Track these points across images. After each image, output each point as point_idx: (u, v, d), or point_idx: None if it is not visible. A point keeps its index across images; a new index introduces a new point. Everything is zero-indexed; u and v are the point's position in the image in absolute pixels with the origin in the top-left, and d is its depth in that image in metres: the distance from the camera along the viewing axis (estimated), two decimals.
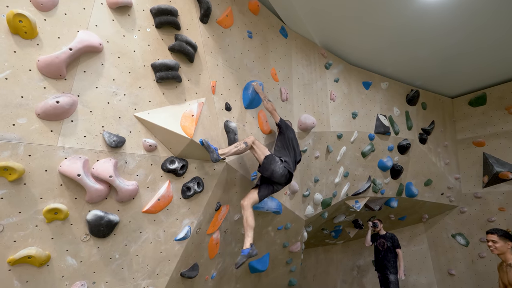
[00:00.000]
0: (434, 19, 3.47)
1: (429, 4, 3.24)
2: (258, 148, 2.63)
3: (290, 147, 2.86)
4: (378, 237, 4.77)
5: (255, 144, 2.62)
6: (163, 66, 2.19)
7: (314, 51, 4.08)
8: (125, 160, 2.08)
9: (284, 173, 2.66)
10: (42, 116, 1.75)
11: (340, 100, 4.37)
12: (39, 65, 1.74)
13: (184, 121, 2.24)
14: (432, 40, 3.92)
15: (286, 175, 2.69)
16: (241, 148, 2.51)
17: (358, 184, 4.84)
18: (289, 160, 2.78)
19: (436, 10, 3.32)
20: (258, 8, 3.14)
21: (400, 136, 5.12)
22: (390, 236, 4.64)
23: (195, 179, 2.44)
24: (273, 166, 2.60)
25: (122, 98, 2.07)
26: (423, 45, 4.07)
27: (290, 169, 2.71)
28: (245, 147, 2.54)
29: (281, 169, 2.62)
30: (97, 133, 1.96)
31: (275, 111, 2.87)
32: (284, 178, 2.68)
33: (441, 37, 3.84)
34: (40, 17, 1.78)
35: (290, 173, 2.73)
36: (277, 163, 2.62)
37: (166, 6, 2.22)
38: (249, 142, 2.57)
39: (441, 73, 4.99)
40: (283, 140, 2.88)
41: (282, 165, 2.64)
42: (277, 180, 2.69)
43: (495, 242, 2.39)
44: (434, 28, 3.65)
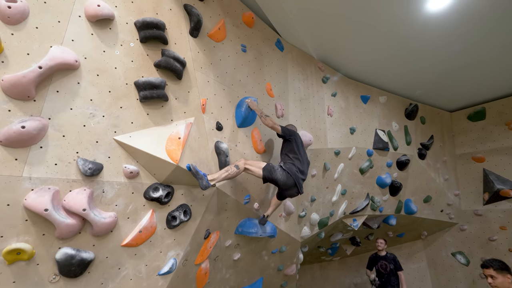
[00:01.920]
0: (433, 31, 3.36)
1: (428, 17, 3.14)
2: (252, 166, 2.46)
3: (297, 151, 2.71)
4: (378, 259, 4.51)
5: (247, 164, 2.45)
6: (147, 84, 2.00)
7: (311, 65, 3.94)
8: (102, 189, 1.87)
9: (289, 180, 2.51)
10: (5, 143, 1.54)
11: (337, 115, 4.22)
12: (3, 85, 1.54)
13: (170, 144, 2.04)
14: (431, 52, 3.81)
15: (293, 181, 2.54)
16: (233, 172, 2.32)
17: (356, 202, 4.66)
18: (295, 166, 2.62)
19: (435, 22, 3.21)
20: (253, 20, 2.99)
21: (399, 151, 4.99)
22: (392, 258, 4.41)
23: (181, 207, 2.23)
24: (274, 175, 2.46)
25: (100, 120, 1.87)
26: (421, 57, 3.96)
27: (293, 174, 2.55)
28: (237, 171, 2.35)
29: (283, 176, 2.47)
30: (70, 160, 1.75)
31: (275, 124, 2.70)
32: (290, 182, 2.52)
33: (440, 49, 3.74)
34: (7, 31, 1.58)
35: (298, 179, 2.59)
36: (277, 171, 2.48)
37: (152, 19, 2.04)
38: (241, 165, 2.39)
39: (440, 86, 4.90)
40: (289, 146, 2.75)
41: (283, 172, 2.49)
42: (285, 188, 2.56)
43: (494, 278, 2.21)
44: (433, 40, 3.54)
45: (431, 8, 3.02)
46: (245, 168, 2.43)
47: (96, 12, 1.83)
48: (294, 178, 2.55)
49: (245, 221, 2.92)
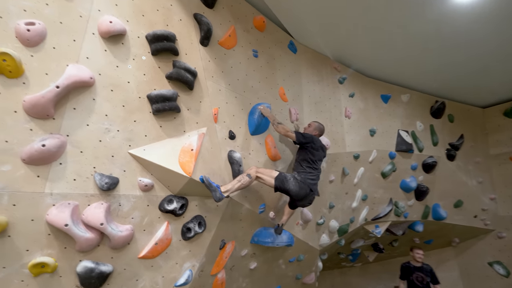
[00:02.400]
0: (465, 25, 3.08)
1: (458, 9, 2.88)
2: (264, 175, 2.41)
3: (312, 160, 2.62)
4: (413, 270, 3.97)
5: (259, 173, 2.40)
6: (159, 97, 2.01)
7: (326, 65, 3.81)
8: (119, 203, 1.90)
9: (302, 191, 2.43)
10: (28, 161, 1.61)
11: (356, 116, 4.04)
12: (24, 105, 1.61)
13: (183, 156, 2.04)
14: (461, 47, 3.51)
15: (305, 193, 2.46)
16: (245, 181, 2.28)
17: (378, 208, 4.44)
18: (308, 176, 2.54)
19: (467, 16, 2.95)
20: (264, 24, 2.93)
21: (424, 153, 4.68)
22: (429, 270, 3.95)
23: (196, 218, 2.23)
24: (286, 185, 2.40)
25: (115, 135, 1.91)
26: (451, 53, 3.65)
27: (306, 185, 2.47)
28: (250, 180, 2.31)
29: (295, 187, 2.41)
30: (88, 175, 1.80)
31: (289, 132, 2.62)
32: (303, 193, 2.45)
33: (473, 42, 3.43)
34: (27, 54, 1.65)
35: (311, 189, 2.52)
36: (289, 181, 2.42)
37: (162, 32, 2.06)
38: (253, 174, 2.35)
39: (470, 81, 4.51)
40: (303, 153, 2.66)
41: (295, 183, 2.43)
42: (297, 199, 2.51)
43: None
44: (464, 34, 3.25)
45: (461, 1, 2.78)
46: (257, 177, 2.39)
47: (109, 28, 1.87)
48: (306, 189, 2.47)
49: (261, 230, 2.87)
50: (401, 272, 4.07)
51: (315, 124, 2.94)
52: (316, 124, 2.94)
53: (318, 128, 2.92)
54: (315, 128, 2.91)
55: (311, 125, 2.95)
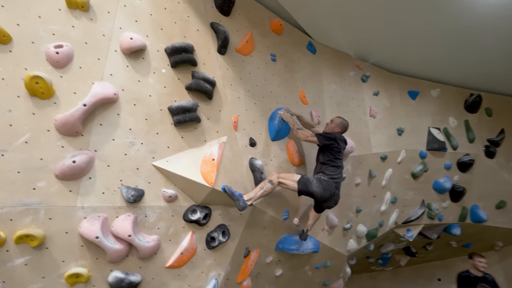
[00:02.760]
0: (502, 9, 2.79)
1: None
2: (286, 180, 2.35)
3: (335, 159, 2.52)
4: (475, 281, 3.41)
5: (281, 178, 2.35)
6: (180, 109, 2.04)
7: (348, 64, 3.65)
8: (145, 214, 1.95)
9: (326, 192, 2.36)
10: (61, 177, 1.70)
11: (381, 115, 3.84)
12: (56, 124, 1.70)
13: (205, 166, 2.05)
14: (499, 33, 3.16)
15: (330, 194, 2.38)
16: (268, 188, 2.24)
17: (409, 211, 4.18)
18: (332, 176, 2.45)
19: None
20: (281, 27, 2.87)
21: (459, 151, 4.33)
22: (492, 280, 3.42)
23: (220, 227, 2.23)
24: (310, 188, 2.34)
25: (139, 148, 1.96)
26: (487, 41, 3.31)
27: (331, 185, 2.39)
28: (272, 186, 2.27)
29: (319, 188, 2.34)
30: (115, 188, 1.86)
31: (309, 137, 2.53)
32: (327, 195, 2.38)
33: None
34: (56, 75, 1.74)
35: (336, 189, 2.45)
36: (313, 183, 2.35)
37: (181, 44, 2.08)
38: (275, 179, 2.31)
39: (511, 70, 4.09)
40: (326, 154, 2.55)
41: (319, 184, 2.35)
42: (322, 200, 2.44)
43: None
44: (501, 19, 2.94)
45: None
46: (279, 182, 2.34)
47: (130, 45, 1.92)
48: (331, 190, 2.39)
49: (286, 237, 2.81)
50: (459, 283, 3.51)
51: (338, 120, 2.73)
52: (339, 120, 2.74)
53: (341, 124, 2.72)
54: (338, 125, 2.71)
55: (334, 120, 2.75)
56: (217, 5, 2.36)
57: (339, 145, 2.53)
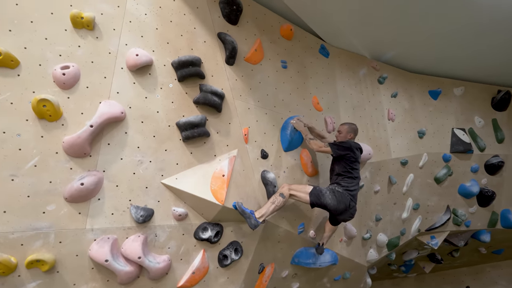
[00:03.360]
0: None
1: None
2: (297, 192, 2.23)
3: (351, 169, 2.36)
4: None
5: (292, 190, 2.23)
6: (187, 124, 1.97)
7: (363, 66, 3.47)
8: (155, 234, 1.91)
9: (340, 204, 2.22)
10: (70, 200, 1.68)
11: (401, 118, 3.62)
12: (64, 146, 1.68)
13: (215, 183, 1.97)
14: None
15: (344, 206, 2.24)
16: (279, 202, 2.13)
17: (433, 217, 3.93)
18: (347, 187, 2.30)
19: None
20: (291, 32, 2.75)
21: (487, 152, 4.03)
22: None
23: (232, 245, 2.15)
24: (323, 200, 2.21)
25: (148, 166, 1.91)
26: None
27: (345, 197, 2.25)
28: (284, 199, 2.16)
29: (333, 200, 2.21)
30: (124, 209, 1.83)
31: (322, 147, 2.39)
32: (342, 207, 2.24)
33: None
34: (64, 96, 1.73)
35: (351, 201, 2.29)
36: (326, 195, 2.22)
37: (187, 58, 2.01)
38: (286, 192, 2.19)
39: None
40: (341, 164, 2.39)
41: (333, 196, 2.22)
42: (336, 213, 2.30)
43: None
44: None
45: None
46: (290, 195, 2.22)
47: (135, 61, 1.87)
48: (346, 202, 2.24)
49: (301, 251, 2.69)
50: None
51: (345, 127, 2.57)
52: (346, 126, 2.57)
53: (350, 129, 2.56)
54: (348, 131, 2.55)
55: (341, 130, 2.58)
56: (224, 15, 2.28)
57: (355, 154, 2.38)
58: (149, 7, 2.01)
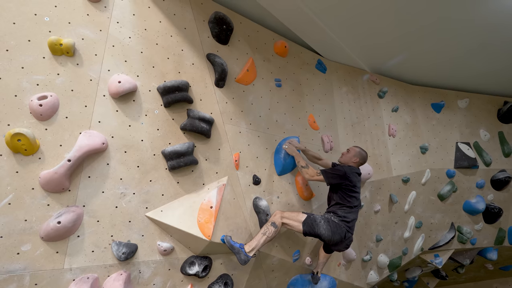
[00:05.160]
0: None
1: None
2: (290, 220, 2.10)
3: (348, 198, 2.19)
4: None
5: (285, 218, 2.10)
6: (173, 154, 1.87)
7: (363, 80, 3.35)
8: (139, 270, 1.80)
9: (335, 235, 2.07)
10: (46, 239, 1.58)
11: (402, 133, 3.49)
12: (40, 182, 1.59)
13: (202, 216, 1.86)
14: None
15: (340, 237, 2.09)
16: (271, 232, 2.01)
17: (437, 235, 3.78)
18: (344, 217, 2.15)
19: None
20: (286, 49, 2.64)
21: (493, 167, 3.88)
22: None
23: (221, 278, 2.03)
24: (317, 230, 2.07)
25: (131, 199, 1.81)
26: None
27: (340, 228, 2.09)
28: (275, 229, 2.03)
29: (327, 231, 2.06)
30: (106, 245, 1.73)
31: (314, 176, 2.23)
32: (336, 238, 2.09)
33: None
34: (41, 128, 1.64)
35: (348, 232, 2.14)
36: (320, 224, 2.08)
37: (173, 83, 1.91)
38: (278, 221, 2.07)
39: None
40: (337, 191, 2.24)
41: (327, 226, 2.07)
42: (330, 243, 2.17)
43: None
44: None
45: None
46: (283, 223, 2.10)
47: (117, 89, 1.78)
48: (341, 233, 2.09)
49: (297, 278, 2.57)
50: None
51: (356, 150, 2.39)
52: (358, 149, 2.39)
53: (359, 154, 2.37)
54: (355, 155, 2.36)
55: (351, 150, 2.41)
56: (214, 35, 2.18)
57: (351, 181, 2.18)
58: (133, 30, 1.92)
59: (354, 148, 2.42)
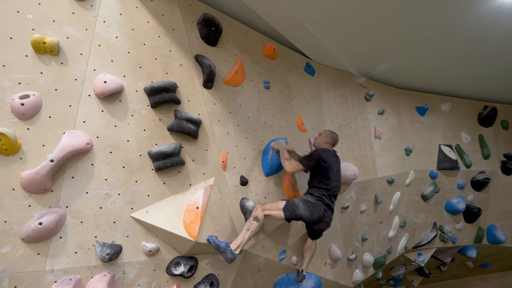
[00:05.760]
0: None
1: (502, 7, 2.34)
2: (271, 210, 2.12)
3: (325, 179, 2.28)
4: None
5: (266, 210, 2.11)
6: (159, 154, 1.87)
7: (350, 83, 3.42)
8: (123, 271, 1.79)
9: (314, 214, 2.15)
10: (27, 240, 1.55)
11: (388, 136, 3.58)
12: (22, 182, 1.56)
13: (188, 216, 1.87)
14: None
15: (318, 215, 2.17)
16: (254, 227, 2.02)
17: (420, 234, 3.90)
18: (320, 196, 2.23)
19: None
20: (275, 52, 2.68)
21: (473, 169, 4.03)
22: None
23: (207, 278, 2.05)
24: (297, 213, 2.13)
25: (116, 199, 1.80)
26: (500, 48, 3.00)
27: (318, 206, 2.18)
28: (258, 223, 2.04)
29: (306, 211, 2.14)
30: (89, 246, 1.71)
31: (296, 167, 2.29)
32: (316, 216, 2.16)
33: None
34: (23, 127, 1.61)
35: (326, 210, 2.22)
36: (299, 206, 2.15)
37: (160, 84, 1.91)
38: (260, 214, 2.08)
39: None
40: (315, 174, 2.33)
41: (305, 207, 2.15)
42: (312, 223, 2.22)
43: None
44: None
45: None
46: (266, 215, 2.11)
47: (103, 89, 1.76)
48: (320, 211, 2.18)
49: (283, 277, 2.60)
50: None
51: (327, 133, 2.56)
52: (328, 132, 2.56)
53: (330, 136, 2.53)
54: (326, 137, 2.53)
55: (322, 134, 2.58)
56: (203, 36, 2.19)
57: (327, 161, 2.27)
58: (120, 30, 1.91)
59: (325, 131, 2.59)
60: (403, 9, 2.36)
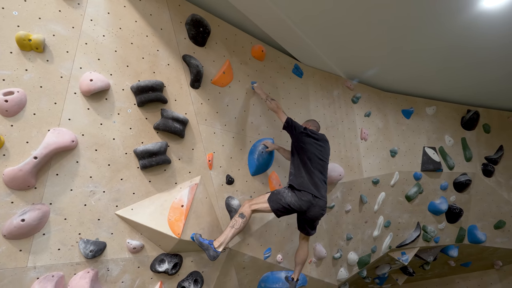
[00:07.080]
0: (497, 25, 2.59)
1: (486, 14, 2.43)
2: (258, 204, 2.07)
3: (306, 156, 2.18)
4: None
5: (253, 204, 2.07)
6: (145, 153, 1.89)
7: (338, 85, 3.50)
8: (107, 268, 1.81)
9: (302, 200, 2.05)
10: (9, 237, 1.56)
11: (373, 137, 3.68)
12: (4, 179, 1.56)
13: (173, 214, 1.90)
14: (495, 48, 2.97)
15: (308, 199, 2.06)
16: (239, 224, 1.99)
17: (404, 234, 4.02)
18: (308, 177, 2.12)
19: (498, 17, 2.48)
20: (263, 53, 2.72)
21: (456, 170, 4.17)
22: None
23: (191, 275, 2.08)
24: (284, 202, 2.04)
25: (101, 197, 1.81)
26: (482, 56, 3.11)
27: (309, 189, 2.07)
28: (244, 220, 2.01)
29: (294, 197, 2.05)
30: (73, 243, 1.72)
31: (280, 110, 2.32)
32: (305, 200, 2.05)
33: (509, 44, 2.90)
34: (6, 124, 1.61)
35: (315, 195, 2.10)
36: (285, 195, 2.07)
37: (147, 83, 1.93)
38: (246, 211, 2.04)
39: (509, 83, 3.88)
40: (297, 154, 2.22)
41: (292, 193, 2.07)
42: (303, 211, 2.10)
43: None
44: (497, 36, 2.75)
45: (486, 6, 2.35)
46: (253, 210, 2.07)
47: (89, 87, 1.78)
48: (308, 196, 2.06)
49: (268, 275, 2.65)
50: None
51: (310, 120, 2.64)
52: (311, 120, 2.63)
53: (310, 121, 2.58)
54: (307, 121, 2.60)
55: (306, 122, 2.61)
56: (191, 37, 2.22)
57: (311, 141, 2.18)
58: (107, 28, 1.92)
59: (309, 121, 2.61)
60: (388, 17, 2.44)
